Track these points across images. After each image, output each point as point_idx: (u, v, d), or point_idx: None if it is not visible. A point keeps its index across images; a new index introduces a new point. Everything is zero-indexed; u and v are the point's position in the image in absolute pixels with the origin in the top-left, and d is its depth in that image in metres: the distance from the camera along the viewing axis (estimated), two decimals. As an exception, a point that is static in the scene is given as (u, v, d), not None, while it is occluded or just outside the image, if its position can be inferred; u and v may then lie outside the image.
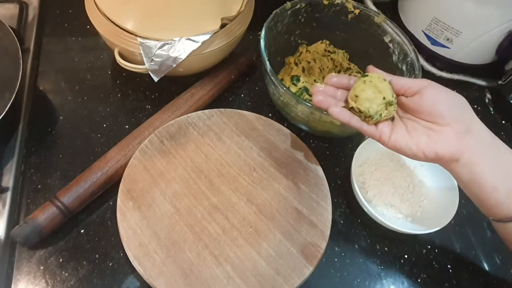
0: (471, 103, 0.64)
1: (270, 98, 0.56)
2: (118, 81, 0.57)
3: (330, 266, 0.45)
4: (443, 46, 0.62)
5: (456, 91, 0.63)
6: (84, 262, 0.42)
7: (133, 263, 0.39)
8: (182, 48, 0.47)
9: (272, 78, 0.47)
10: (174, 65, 0.48)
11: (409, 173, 0.51)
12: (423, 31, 0.64)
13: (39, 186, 0.46)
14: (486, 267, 0.48)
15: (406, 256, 0.47)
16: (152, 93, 0.56)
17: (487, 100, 0.64)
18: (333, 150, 0.54)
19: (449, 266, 0.47)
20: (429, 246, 0.48)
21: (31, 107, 0.52)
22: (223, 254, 0.40)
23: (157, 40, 0.47)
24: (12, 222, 0.43)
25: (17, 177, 0.46)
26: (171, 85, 0.56)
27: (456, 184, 0.48)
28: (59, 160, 0.49)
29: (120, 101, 0.55)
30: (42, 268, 0.42)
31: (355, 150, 0.49)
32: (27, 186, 0.46)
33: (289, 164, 0.48)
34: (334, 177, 0.52)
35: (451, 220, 0.44)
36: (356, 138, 0.55)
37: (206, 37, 0.47)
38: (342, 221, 0.49)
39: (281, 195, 0.45)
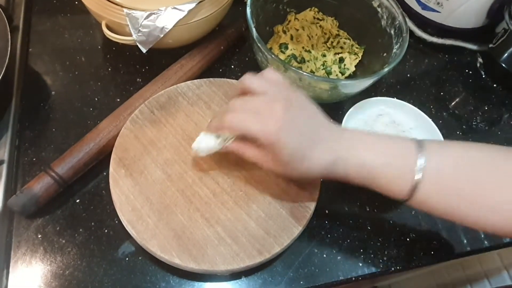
0: (463, 67, 0.65)
1: (260, 69, 0.56)
2: (108, 56, 0.57)
3: (320, 228, 0.47)
4: (434, 10, 0.62)
5: (447, 56, 0.64)
6: (81, 230, 0.44)
7: (126, 227, 0.41)
8: (168, 17, 0.47)
9: (259, 45, 0.47)
10: (162, 35, 0.48)
11: (399, 136, 0.51)
12: (413, -4, 0.63)
13: (34, 159, 0.47)
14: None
15: (394, 218, 0.48)
16: (142, 67, 0.56)
17: (478, 65, 0.64)
18: (324, 117, 0.55)
19: (439, 225, 0.48)
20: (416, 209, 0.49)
21: (22, 84, 0.53)
22: (214, 216, 0.41)
23: (143, 10, 0.47)
24: (9, 193, 0.44)
25: (12, 151, 0.47)
26: (161, 58, 0.56)
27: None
28: (52, 133, 0.50)
29: (111, 75, 0.55)
30: (40, 236, 0.43)
31: (343, 117, 0.49)
32: (22, 159, 0.47)
33: (278, 131, 0.48)
34: (325, 143, 0.52)
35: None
36: (346, 104, 0.56)
37: (192, 5, 0.47)
38: (331, 185, 0.49)
39: (271, 160, 0.46)
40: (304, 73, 0.45)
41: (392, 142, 0.38)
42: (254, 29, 0.47)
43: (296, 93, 0.39)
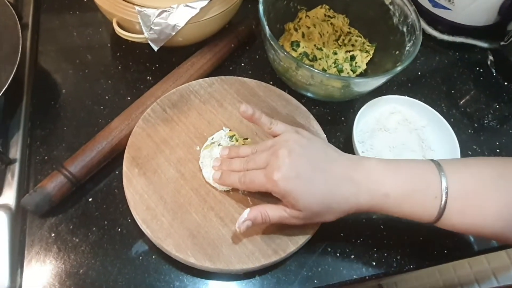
0: (474, 65, 0.65)
1: (270, 66, 0.56)
2: (118, 54, 0.57)
3: (333, 227, 0.46)
4: (445, 8, 0.61)
5: (458, 54, 0.64)
6: (94, 229, 0.44)
7: (141, 227, 0.40)
8: (180, 15, 0.47)
9: (271, 42, 0.46)
10: (173, 33, 0.48)
11: (410, 136, 0.51)
12: (424, -7, 0.63)
13: (46, 158, 0.47)
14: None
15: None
16: (152, 65, 0.56)
17: (489, 62, 0.64)
18: (335, 115, 0.55)
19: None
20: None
21: (33, 82, 0.52)
22: (228, 215, 0.41)
23: (155, 7, 0.46)
24: (21, 192, 0.44)
25: (24, 150, 0.47)
26: (171, 56, 0.56)
27: (458, 147, 0.48)
28: (64, 132, 0.49)
29: (121, 73, 0.55)
30: (53, 235, 0.43)
31: (356, 115, 0.49)
32: (34, 158, 0.47)
33: (291, 129, 0.48)
34: (336, 142, 0.52)
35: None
36: (357, 103, 0.56)
37: (204, 3, 0.47)
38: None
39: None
40: (318, 71, 0.45)
41: (412, 166, 0.37)
42: (267, 27, 0.47)
43: (303, 134, 0.40)
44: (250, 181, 0.39)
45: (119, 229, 0.44)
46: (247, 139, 0.46)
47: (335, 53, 0.57)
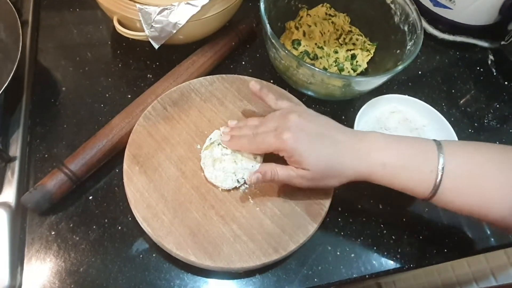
0: (474, 65, 0.65)
1: (271, 65, 0.56)
2: (118, 52, 0.57)
3: (334, 225, 0.46)
4: (445, 7, 0.61)
5: (458, 53, 0.64)
6: (94, 227, 0.44)
7: (141, 225, 0.40)
8: (181, 13, 0.46)
9: (273, 41, 0.46)
10: (174, 31, 0.47)
11: (411, 135, 0.51)
12: (425, -8, 0.63)
13: (46, 155, 0.47)
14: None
15: (407, 215, 0.48)
16: (153, 62, 0.56)
17: (489, 62, 0.64)
18: (335, 114, 0.55)
19: (451, 224, 0.48)
20: (431, 206, 0.49)
21: (33, 79, 0.52)
22: (229, 214, 0.41)
23: (156, 5, 0.46)
24: (21, 190, 0.44)
25: (24, 147, 0.47)
26: (172, 54, 0.56)
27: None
28: (64, 130, 0.49)
29: (121, 71, 0.55)
30: (53, 233, 0.43)
31: (356, 114, 0.49)
32: (34, 156, 0.47)
33: (291, 128, 0.48)
34: (337, 141, 0.52)
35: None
36: (358, 102, 0.56)
37: (205, 1, 0.47)
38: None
39: (284, 158, 0.46)
40: (318, 70, 0.45)
41: (413, 142, 0.38)
42: (268, 25, 0.46)
43: (309, 110, 0.42)
44: (260, 142, 0.40)
45: (120, 227, 0.44)
46: None
47: (336, 52, 0.57)
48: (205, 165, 0.43)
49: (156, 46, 0.49)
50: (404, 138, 0.39)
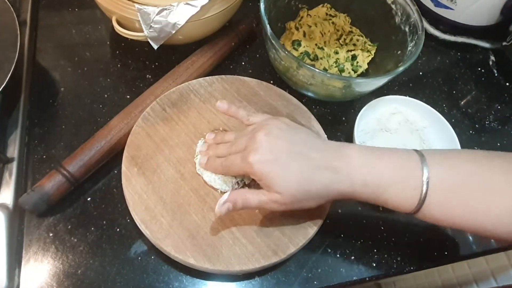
0: (475, 65, 0.64)
1: (271, 65, 0.56)
2: (117, 52, 0.56)
3: (334, 228, 0.46)
4: (447, 7, 0.61)
5: (460, 54, 0.64)
6: (92, 228, 0.43)
7: (140, 227, 0.40)
8: (181, 13, 0.46)
9: (273, 41, 0.46)
10: (174, 32, 0.47)
11: (412, 137, 0.51)
12: (426, -7, 0.62)
13: (44, 156, 0.47)
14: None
15: (407, 218, 0.48)
16: (152, 63, 0.55)
17: (491, 63, 0.63)
18: (335, 115, 0.54)
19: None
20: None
21: (31, 79, 0.52)
22: (228, 216, 0.41)
23: (155, 5, 0.46)
24: (19, 191, 0.44)
25: (22, 148, 0.47)
26: (171, 54, 0.56)
27: (459, 147, 0.48)
28: (62, 130, 0.49)
29: (120, 71, 0.55)
30: (51, 234, 0.43)
31: (357, 115, 0.49)
32: (32, 157, 0.47)
33: (291, 129, 0.48)
34: (337, 142, 0.52)
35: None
36: (358, 103, 0.55)
37: (205, 1, 0.46)
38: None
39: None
40: (319, 71, 0.45)
41: (394, 155, 0.36)
42: (268, 26, 0.46)
43: (284, 121, 0.39)
44: (230, 165, 0.38)
45: (118, 229, 0.43)
46: None
47: (336, 53, 0.56)
48: (201, 171, 0.43)
49: (155, 47, 0.48)
50: (385, 151, 0.37)
